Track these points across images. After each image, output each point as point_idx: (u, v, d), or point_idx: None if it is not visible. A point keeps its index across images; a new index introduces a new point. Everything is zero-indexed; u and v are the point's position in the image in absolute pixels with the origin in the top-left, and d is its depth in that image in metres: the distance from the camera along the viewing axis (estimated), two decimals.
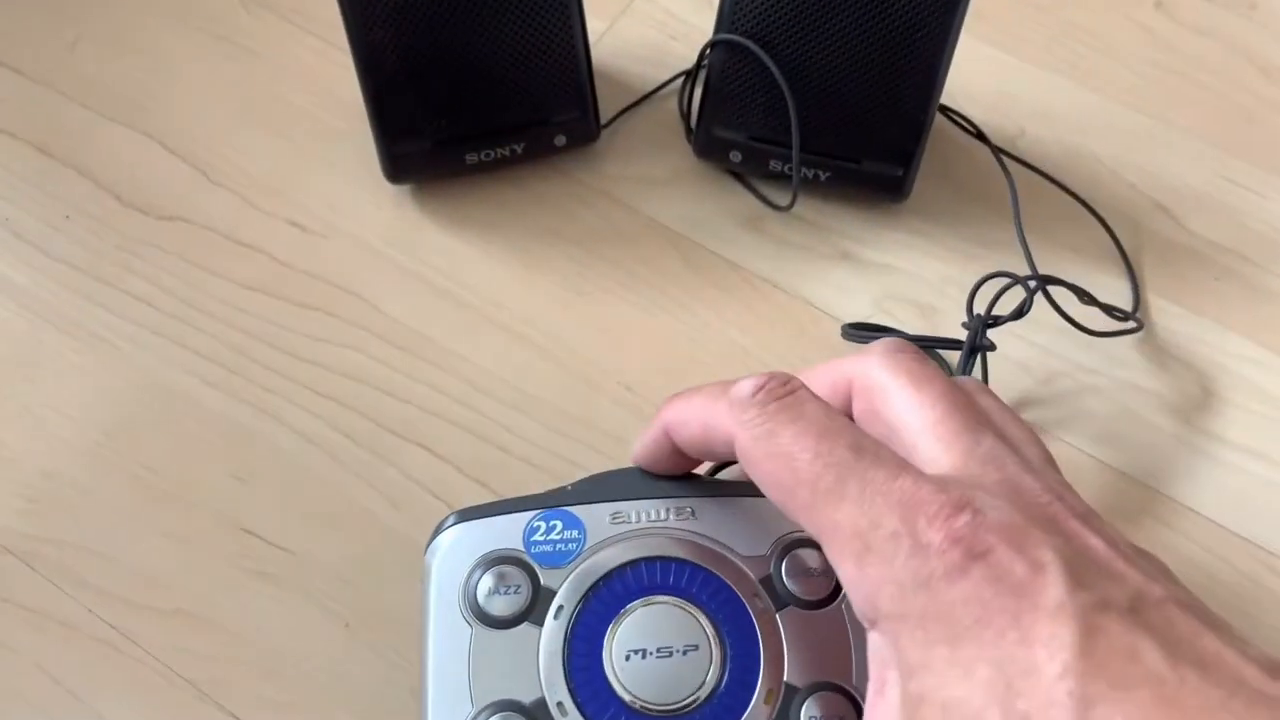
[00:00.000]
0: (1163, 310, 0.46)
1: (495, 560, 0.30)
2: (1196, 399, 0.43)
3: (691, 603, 0.29)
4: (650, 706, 0.29)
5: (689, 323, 0.45)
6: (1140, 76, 0.52)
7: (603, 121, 0.47)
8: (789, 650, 0.29)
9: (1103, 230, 0.47)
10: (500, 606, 0.30)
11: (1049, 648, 0.20)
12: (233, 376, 0.42)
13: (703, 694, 0.29)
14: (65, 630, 0.37)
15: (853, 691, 0.29)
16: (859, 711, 0.28)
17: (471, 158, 0.45)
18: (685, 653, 0.29)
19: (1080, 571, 0.21)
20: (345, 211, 0.47)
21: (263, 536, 0.39)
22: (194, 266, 0.45)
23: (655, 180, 0.48)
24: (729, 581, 0.30)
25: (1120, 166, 0.50)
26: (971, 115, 0.50)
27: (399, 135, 0.44)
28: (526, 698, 0.29)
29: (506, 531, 0.30)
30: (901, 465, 0.23)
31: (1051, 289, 0.42)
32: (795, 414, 0.25)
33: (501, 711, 0.29)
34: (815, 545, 0.29)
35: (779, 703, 0.29)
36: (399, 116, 0.44)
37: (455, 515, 0.31)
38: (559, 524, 0.30)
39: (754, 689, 0.29)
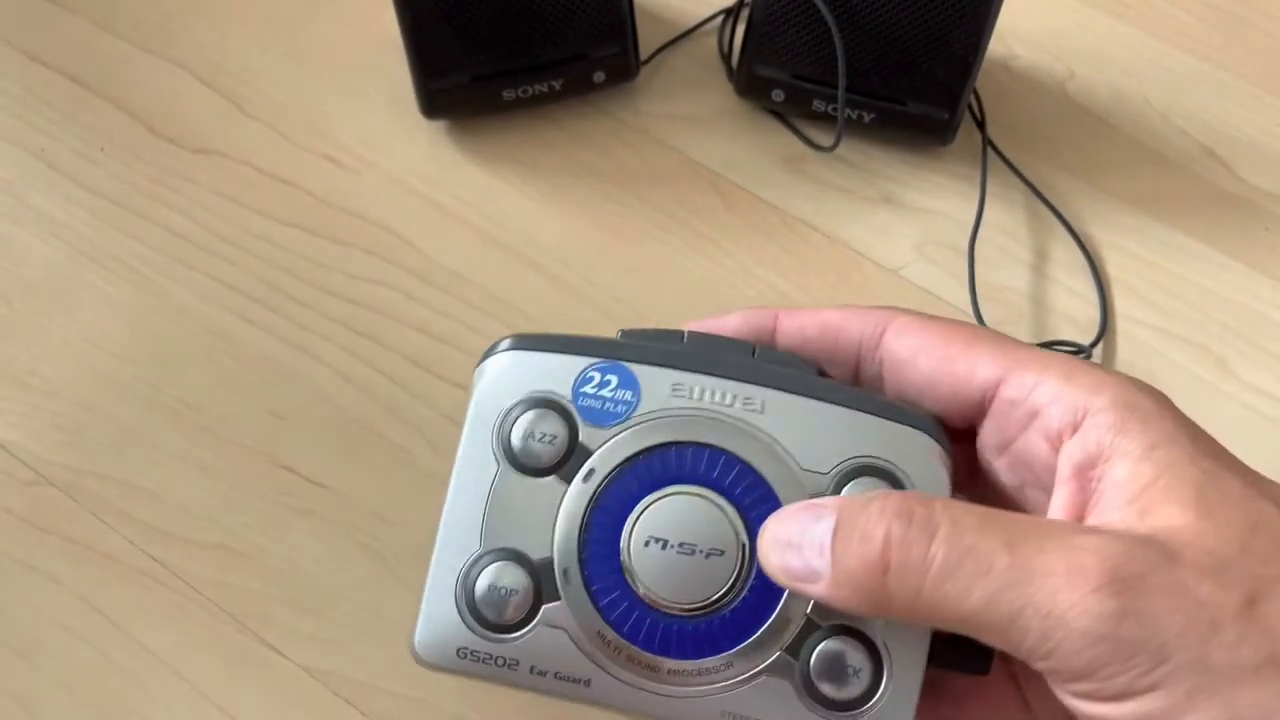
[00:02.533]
0: (1208, 259, 0.45)
1: (537, 402, 0.28)
2: (1241, 351, 0.43)
3: (730, 504, 0.27)
4: (657, 600, 0.27)
5: (726, 265, 0.44)
6: (1196, 18, 0.51)
7: (642, 58, 0.46)
8: None
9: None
10: (531, 453, 0.27)
11: None
12: (269, 313, 0.42)
13: (714, 604, 0.27)
14: (108, 562, 0.38)
15: (877, 643, 0.27)
16: (878, 664, 0.27)
17: (509, 94, 0.45)
18: (708, 556, 0.27)
19: None
20: (381, 147, 0.46)
21: (301, 473, 0.39)
22: (229, 201, 0.45)
23: (695, 119, 0.47)
24: (777, 491, 0.27)
25: (1171, 111, 0.48)
26: (1020, 55, 0.49)
27: (436, 70, 0.44)
28: (535, 554, 0.27)
29: (557, 374, 0.28)
30: None
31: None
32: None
33: (505, 560, 0.27)
34: (882, 476, 0.27)
35: (793, 635, 0.27)
36: (436, 51, 0.43)
37: (511, 339, 0.29)
38: (614, 380, 0.28)
39: (770, 614, 0.27)
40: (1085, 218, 0.45)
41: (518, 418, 0.28)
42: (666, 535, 0.27)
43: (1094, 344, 0.42)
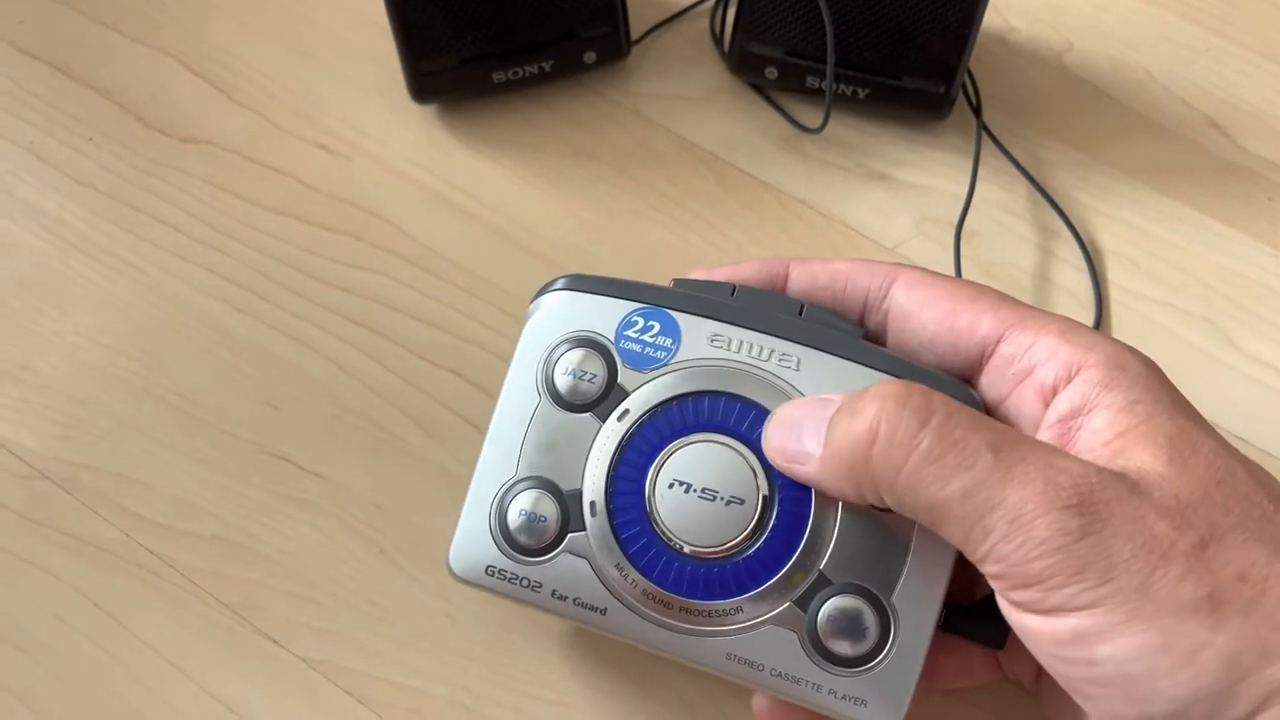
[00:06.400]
0: (1211, 230, 0.44)
1: (581, 342, 0.29)
2: (1244, 322, 0.42)
3: (755, 455, 0.28)
4: (674, 539, 0.28)
5: (721, 245, 0.44)
6: None
7: (633, 38, 0.46)
8: (837, 540, 0.28)
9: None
10: (571, 390, 0.29)
11: None
12: (262, 303, 0.42)
13: (730, 550, 0.28)
14: (103, 555, 0.38)
15: (887, 605, 0.27)
16: (886, 625, 0.28)
17: (499, 76, 0.44)
18: (728, 503, 0.28)
19: None
20: (371, 133, 0.46)
21: (296, 463, 0.39)
22: (220, 190, 0.44)
23: (688, 99, 0.47)
24: None
25: (1172, 82, 0.48)
26: (1018, 28, 0.48)
27: (425, 53, 0.43)
28: (565, 485, 0.28)
29: (603, 315, 0.29)
30: None
31: None
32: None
33: (538, 489, 0.29)
34: None
35: (805, 589, 0.27)
36: (425, 33, 0.43)
37: (565, 279, 0.30)
38: (656, 326, 0.29)
39: (783, 566, 0.28)
40: (1085, 191, 0.45)
41: (562, 355, 0.29)
42: (690, 479, 0.28)
43: (1096, 323, 0.42)
